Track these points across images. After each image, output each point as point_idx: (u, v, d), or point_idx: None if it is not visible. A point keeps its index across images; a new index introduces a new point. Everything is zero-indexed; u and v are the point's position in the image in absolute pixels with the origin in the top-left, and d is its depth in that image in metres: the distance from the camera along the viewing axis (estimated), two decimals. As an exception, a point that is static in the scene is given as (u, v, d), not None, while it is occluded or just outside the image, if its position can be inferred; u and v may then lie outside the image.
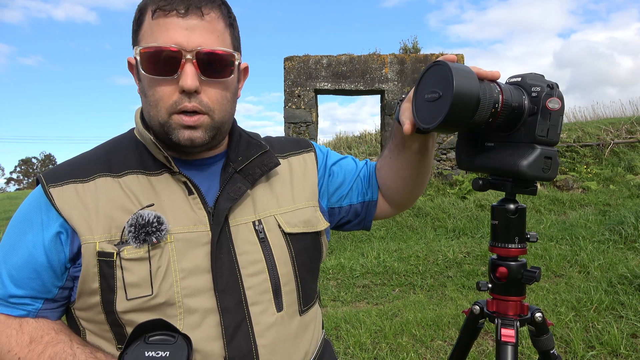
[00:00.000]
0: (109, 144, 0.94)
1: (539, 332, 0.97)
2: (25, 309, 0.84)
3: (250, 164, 0.93)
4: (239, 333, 0.84)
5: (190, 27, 0.81)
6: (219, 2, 0.86)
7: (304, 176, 1.03)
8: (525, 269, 0.94)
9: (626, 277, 3.63)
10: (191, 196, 0.87)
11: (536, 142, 0.85)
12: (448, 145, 8.46)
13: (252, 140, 0.99)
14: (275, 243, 0.91)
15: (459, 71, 0.77)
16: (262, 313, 0.87)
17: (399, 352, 2.94)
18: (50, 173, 0.87)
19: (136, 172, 0.88)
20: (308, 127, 8.46)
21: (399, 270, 4.76)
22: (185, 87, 0.80)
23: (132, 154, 0.90)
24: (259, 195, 0.94)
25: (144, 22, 0.84)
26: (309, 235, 0.97)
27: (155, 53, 0.80)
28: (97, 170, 0.87)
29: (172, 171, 0.88)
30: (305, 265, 0.96)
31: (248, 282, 0.86)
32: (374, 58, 8.46)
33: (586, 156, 8.82)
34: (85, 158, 0.91)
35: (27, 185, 52.76)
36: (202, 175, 0.92)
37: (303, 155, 1.07)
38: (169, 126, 0.84)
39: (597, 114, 13.19)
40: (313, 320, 1.00)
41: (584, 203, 6.75)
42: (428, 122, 0.82)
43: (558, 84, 0.86)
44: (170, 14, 0.80)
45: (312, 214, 1.00)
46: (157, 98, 0.83)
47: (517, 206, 0.93)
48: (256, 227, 0.91)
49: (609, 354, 2.70)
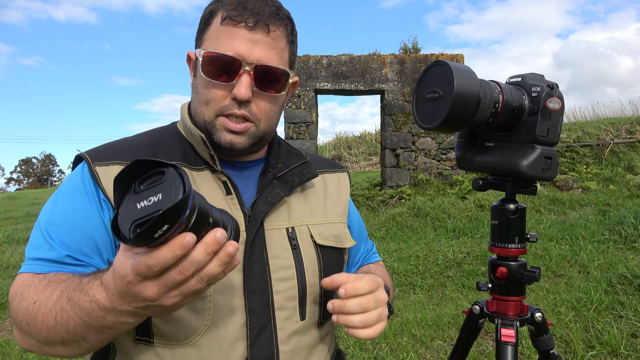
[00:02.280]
0: (152, 134, 0.96)
1: (539, 332, 0.97)
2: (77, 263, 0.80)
3: (289, 172, 0.95)
4: (262, 336, 0.84)
5: (254, 40, 0.84)
6: (286, 21, 0.89)
7: (338, 193, 1.06)
8: (525, 269, 0.94)
9: (626, 277, 3.63)
10: (229, 196, 0.89)
11: (536, 142, 0.85)
12: (448, 145, 8.46)
13: (293, 150, 1.02)
14: (306, 252, 0.93)
15: (460, 71, 0.77)
16: (287, 319, 0.88)
17: (399, 352, 2.94)
18: (94, 152, 0.88)
19: (180, 164, 0.89)
20: (308, 127, 8.46)
21: (399, 270, 4.75)
22: (238, 96, 0.84)
23: (176, 147, 0.92)
24: (293, 203, 0.96)
25: (211, 24, 0.87)
26: (337, 250, 0.99)
27: (216, 58, 0.84)
28: (143, 155, 0.88)
29: (213, 169, 0.90)
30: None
31: (277, 287, 0.87)
32: (374, 58, 8.46)
33: (586, 156, 8.82)
34: (130, 143, 0.92)
35: (27, 185, 52.76)
36: (240, 177, 0.94)
37: (337, 175, 1.10)
38: (214, 126, 0.87)
39: (597, 114, 13.21)
40: (329, 333, 1.01)
41: (584, 203, 6.75)
42: (428, 122, 0.82)
43: (558, 84, 0.87)
44: (239, 24, 0.84)
45: (342, 230, 1.02)
46: (210, 98, 0.87)
47: (517, 206, 0.93)
48: (289, 234, 0.92)
49: (608, 354, 2.70)
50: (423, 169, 8.40)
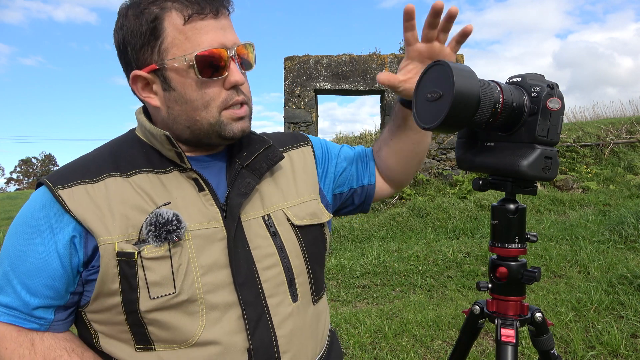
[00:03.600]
0: (111, 145, 0.94)
1: (539, 332, 0.97)
2: (38, 322, 0.82)
3: (256, 159, 0.94)
4: (260, 325, 0.86)
5: (223, 27, 0.85)
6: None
7: (305, 169, 1.05)
8: (525, 269, 0.94)
9: (626, 277, 3.63)
10: (202, 192, 0.88)
11: (536, 142, 0.85)
12: (448, 145, 8.46)
13: (254, 136, 0.99)
14: (286, 236, 0.93)
15: (460, 71, 0.77)
16: (279, 305, 0.89)
17: (399, 352, 2.94)
18: (55, 175, 0.85)
19: (145, 170, 0.87)
20: (308, 127, 8.46)
21: (399, 270, 4.75)
22: (238, 82, 0.86)
23: (138, 153, 0.89)
24: (265, 190, 0.96)
25: (165, 30, 0.82)
26: (316, 227, 1.00)
27: (210, 56, 0.82)
28: (105, 170, 0.86)
29: (181, 168, 0.88)
30: (315, 256, 0.98)
31: (264, 275, 0.88)
32: (374, 58, 8.46)
33: (586, 156, 8.82)
34: (89, 159, 0.89)
35: (27, 185, 52.77)
36: (208, 172, 0.92)
37: (302, 149, 1.09)
38: (221, 123, 0.86)
39: (597, 114, 13.19)
40: (324, 309, 1.03)
41: (584, 203, 6.75)
42: (428, 122, 0.82)
43: (558, 84, 0.86)
44: (207, 16, 0.83)
45: (316, 207, 1.02)
46: (208, 99, 0.85)
47: (517, 206, 0.93)
48: (266, 222, 0.92)
49: (609, 354, 2.70)
50: (423, 169, 8.40)
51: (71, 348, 0.84)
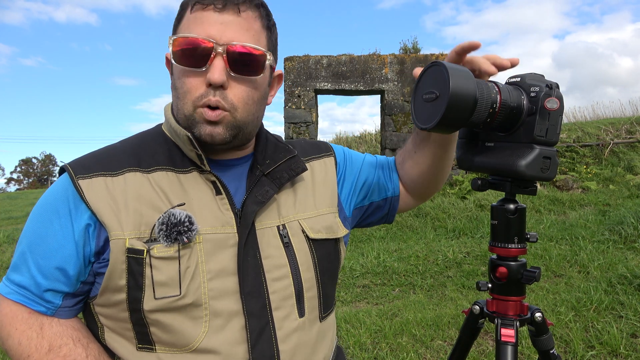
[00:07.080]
0: (136, 139, 0.93)
1: (539, 332, 0.97)
2: (46, 305, 0.83)
3: (278, 168, 0.92)
4: (262, 337, 0.83)
5: (225, 22, 0.82)
6: (257, 3, 0.86)
7: (325, 181, 1.03)
8: (525, 269, 0.94)
9: (626, 277, 3.63)
10: (219, 196, 0.86)
11: (535, 142, 0.85)
12: (448, 145, 8.46)
13: (280, 144, 0.98)
14: (299, 248, 0.91)
15: (456, 72, 0.77)
16: (284, 318, 0.86)
17: (399, 352, 2.94)
18: (77, 164, 0.85)
19: (165, 169, 0.86)
20: (308, 127, 8.46)
21: (399, 270, 4.75)
22: (211, 81, 0.80)
23: (161, 150, 0.89)
24: (282, 199, 0.94)
25: (183, 17, 0.85)
26: (331, 241, 0.97)
27: (186, 44, 0.81)
28: (126, 164, 0.86)
29: (201, 170, 0.87)
30: (327, 271, 0.95)
31: (272, 287, 0.86)
32: (373, 58, 8.46)
33: (586, 156, 8.82)
34: (113, 151, 0.89)
35: (27, 185, 52.76)
36: (228, 175, 0.91)
37: (324, 160, 1.06)
38: (193, 119, 0.83)
39: (596, 114, 13.19)
40: (331, 327, 0.99)
41: (584, 203, 6.75)
42: (426, 122, 0.82)
43: (558, 84, 0.86)
44: (208, 8, 0.81)
45: (333, 221, 0.99)
46: (185, 90, 0.83)
47: (517, 206, 0.93)
48: (280, 232, 0.90)
49: (608, 353, 2.70)
50: (423, 169, 8.40)
51: (77, 338, 0.84)
